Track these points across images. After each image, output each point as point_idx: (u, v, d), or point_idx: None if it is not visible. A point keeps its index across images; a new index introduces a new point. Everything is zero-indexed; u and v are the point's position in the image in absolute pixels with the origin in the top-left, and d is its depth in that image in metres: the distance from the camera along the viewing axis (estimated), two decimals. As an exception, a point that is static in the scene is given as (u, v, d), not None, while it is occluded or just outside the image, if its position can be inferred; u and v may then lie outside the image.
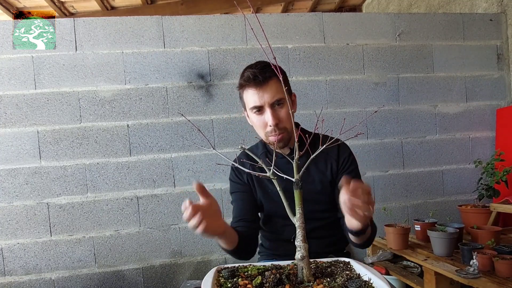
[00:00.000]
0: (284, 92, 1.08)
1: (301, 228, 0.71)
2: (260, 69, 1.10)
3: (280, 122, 1.10)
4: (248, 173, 1.22)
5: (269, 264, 0.81)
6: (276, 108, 1.10)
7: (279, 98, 1.09)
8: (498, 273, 1.45)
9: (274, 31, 2.28)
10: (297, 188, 0.73)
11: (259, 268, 0.77)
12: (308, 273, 0.69)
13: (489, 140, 2.47)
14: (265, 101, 1.08)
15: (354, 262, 0.78)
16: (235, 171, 1.27)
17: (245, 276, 0.73)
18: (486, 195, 2.07)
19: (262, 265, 0.80)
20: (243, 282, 0.68)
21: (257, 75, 1.08)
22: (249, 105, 1.12)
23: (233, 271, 0.74)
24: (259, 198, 1.24)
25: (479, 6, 2.67)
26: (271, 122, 1.08)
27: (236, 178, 1.27)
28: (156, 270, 2.15)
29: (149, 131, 2.15)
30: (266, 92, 1.08)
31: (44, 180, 2.05)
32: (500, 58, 2.49)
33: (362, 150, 2.34)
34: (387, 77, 2.39)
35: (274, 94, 1.08)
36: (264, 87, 1.08)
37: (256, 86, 1.08)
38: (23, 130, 2.04)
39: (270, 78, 1.09)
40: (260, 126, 1.13)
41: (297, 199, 0.74)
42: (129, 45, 2.14)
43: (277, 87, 1.09)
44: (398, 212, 2.39)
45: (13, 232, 2.02)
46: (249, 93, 1.10)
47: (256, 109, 1.11)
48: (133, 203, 2.13)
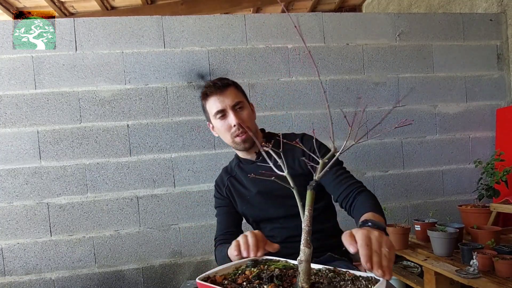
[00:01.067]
0: (242, 97, 1.23)
1: (305, 231, 0.68)
2: (219, 79, 1.22)
3: (243, 122, 1.18)
4: (227, 187, 1.32)
5: (293, 263, 0.80)
6: (237, 110, 1.20)
7: (239, 101, 1.20)
8: (498, 273, 1.45)
9: (274, 31, 2.28)
10: (310, 189, 0.70)
11: (281, 264, 0.79)
12: (305, 278, 0.66)
13: (489, 140, 2.47)
14: (226, 104, 1.18)
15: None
16: (217, 187, 1.37)
17: (264, 268, 0.77)
18: (486, 195, 2.07)
19: (285, 261, 0.82)
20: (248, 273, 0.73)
21: (216, 83, 1.19)
22: (212, 111, 1.20)
23: (256, 262, 0.82)
24: (240, 208, 1.31)
25: (479, 6, 2.67)
26: (234, 122, 1.17)
27: (217, 194, 1.36)
28: (156, 270, 2.15)
29: (149, 131, 2.15)
30: (227, 97, 1.18)
31: (44, 180, 2.05)
32: (500, 58, 2.49)
33: (362, 150, 2.34)
34: (387, 77, 2.39)
35: (234, 97, 1.19)
36: (224, 92, 1.18)
37: (217, 92, 1.18)
38: (23, 130, 2.04)
39: (228, 85, 1.21)
40: (225, 130, 1.20)
41: (309, 199, 0.70)
42: (129, 45, 2.14)
43: (236, 93, 1.21)
44: (398, 212, 2.39)
45: (13, 232, 2.02)
46: (211, 100, 1.20)
47: (219, 114, 1.19)
48: (133, 203, 2.13)
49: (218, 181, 1.38)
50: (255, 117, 1.30)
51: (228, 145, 1.27)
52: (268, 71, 2.27)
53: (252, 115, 1.26)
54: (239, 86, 1.26)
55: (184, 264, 2.17)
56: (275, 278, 0.69)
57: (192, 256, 2.18)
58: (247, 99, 1.27)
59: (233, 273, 0.75)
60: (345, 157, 2.14)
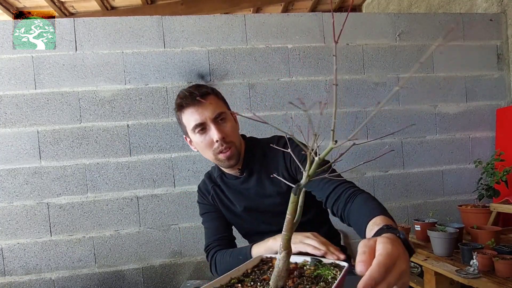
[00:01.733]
0: (224, 107, 1.08)
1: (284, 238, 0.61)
2: (195, 87, 1.05)
3: (226, 136, 1.04)
4: (212, 196, 1.21)
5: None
6: (219, 122, 1.04)
7: (220, 112, 1.04)
8: (498, 273, 1.45)
9: (274, 31, 2.28)
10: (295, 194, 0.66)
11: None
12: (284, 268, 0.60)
13: (489, 140, 2.47)
14: (206, 117, 1.02)
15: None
16: (201, 194, 1.25)
17: None
18: (486, 195, 2.07)
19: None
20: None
21: (193, 92, 1.03)
22: (190, 125, 1.05)
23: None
24: (228, 218, 1.24)
25: (479, 6, 2.67)
26: (217, 137, 1.02)
27: (203, 200, 1.25)
28: (156, 270, 2.15)
29: (149, 131, 2.15)
30: (206, 108, 1.02)
31: (44, 180, 2.05)
32: (500, 58, 2.49)
33: (362, 150, 2.34)
34: (387, 77, 2.39)
35: (215, 108, 1.04)
36: (203, 104, 1.01)
37: (194, 103, 1.02)
38: (23, 130, 2.04)
39: (207, 93, 1.04)
40: (206, 146, 1.05)
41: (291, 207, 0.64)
42: (129, 45, 2.14)
43: (216, 102, 1.06)
44: (398, 212, 2.39)
45: (13, 232, 2.02)
46: (188, 113, 1.04)
47: (198, 128, 1.04)
48: (133, 203, 2.13)
49: (202, 188, 1.26)
50: (239, 127, 1.15)
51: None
52: (268, 71, 2.27)
53: (236, 126, 1.12)
54: (219, 93, 1.11)
55: (184, 264, 2.17)
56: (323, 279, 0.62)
57: (192, 256, 2.18)
58: (229, 108, 1.13)
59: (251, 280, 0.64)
60: (345, 157, 2.14)
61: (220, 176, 1.21)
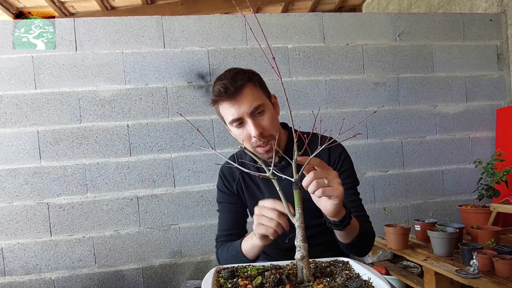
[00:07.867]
0: (261, 97, 1.03)
1: (301, 228, 0.71)
2: (230, 79, 0.99)
3: (264, 131, 1.01)
4: (238, 183, 1.17)
5: (268, 264, 0.81)
6: (256, 116, 1.01)
7: (258, 105, 1.00)
8: (498, 273, 1.45)
9: (274, 31, 2.28)
10: (297, 188, 0.73)
11: (258, 269, 0.76)
12: (308, 273, 0.68)
13: (489, 140, 2.47)
14: (243, 112, 0.99)
15: (353, 262, 0.78)
16: (223, 179, 1.19)
17: (244, 276, 0.72)
18: (486, 195, 2.07)
19: (261, 266, 0.79)
20: (243, 283, 0.67)
21: (228, 87, 0.97)
22: (227, 119, 1.03)
23: (233, 272, 0.74)
24: (251, 209, 1.19)
25: (479, 6, 2.67)
26: (254, 133, 0.99)
27: (224, 188, 1.19)
28: (156, 270, 2.15)
29: (149, 131, 2.15)
30: (242, 103, 0.98)
31: (44, 180, 2.05)
32: (500, 58, 2.49)
33: (362, 150, 2.34)
34: (387, 77, 2.39)
35: (251, 102, 0.99)
36: (239, 98, 0.98)
37: (230, 98, 0.98)
38: (23, 130, 2.04)
39: (242, 86, 0.99)
40: (244, 139, 1.03)
41: (297, 199, 0.74)
42: (129, 45, 2.14)
43: (252, 94, 1.00)
44: (398, 212, 2.39)
45: (13, 232, 2.02)
46: (224, 107, 1.01)
47: (236, 122, 1.01)
48: (133, 203, 2.13)
49: (226, 173, 1.18)
50: (279, 112, 1.12)
51: (227, 144, 1.18)
52: (268, 71, 2.26)
53: (275, 114, 1.08)
54: (257, 78, 1.05)
55: (184, 264, 2.17)
56: (286, 278, 0.67)
57: (192, 256, 2.18)
58: (267, 93, 1.08)
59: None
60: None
61: (254, 161, 1.14)
